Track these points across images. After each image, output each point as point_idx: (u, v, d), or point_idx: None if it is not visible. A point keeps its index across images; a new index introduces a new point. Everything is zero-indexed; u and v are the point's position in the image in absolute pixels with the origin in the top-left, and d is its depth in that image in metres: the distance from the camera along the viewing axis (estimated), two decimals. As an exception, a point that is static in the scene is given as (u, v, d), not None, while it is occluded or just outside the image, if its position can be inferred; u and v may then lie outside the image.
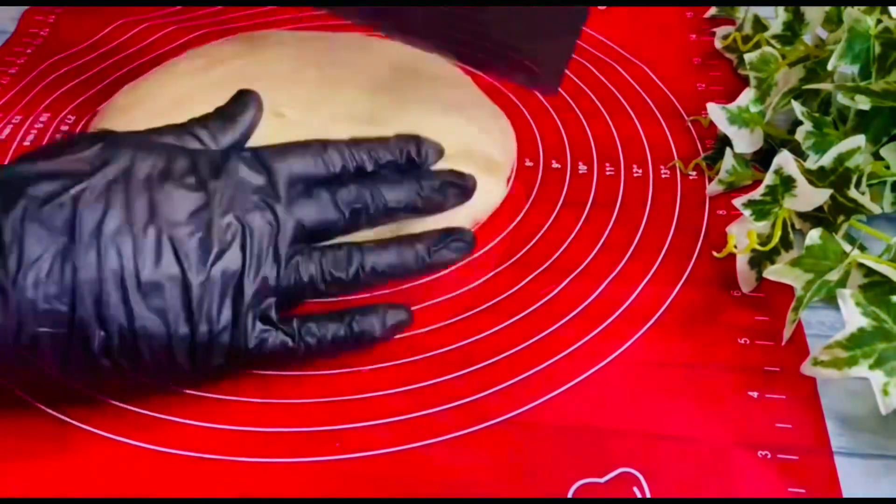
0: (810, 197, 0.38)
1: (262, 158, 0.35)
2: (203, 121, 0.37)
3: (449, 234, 0.37)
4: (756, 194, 0.39)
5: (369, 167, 0.37)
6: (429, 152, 0.38)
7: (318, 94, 0.45)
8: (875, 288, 0.36)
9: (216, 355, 0.33)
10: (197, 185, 0.33)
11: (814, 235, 0.37)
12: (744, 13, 0.54)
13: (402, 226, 0.39)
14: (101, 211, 0.31)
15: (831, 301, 0.37)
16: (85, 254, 0.30)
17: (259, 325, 0.33)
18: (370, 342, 0.36)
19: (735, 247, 0.38)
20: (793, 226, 0.40)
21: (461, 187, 0.38)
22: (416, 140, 0.38)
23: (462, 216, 0.41)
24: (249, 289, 0.33)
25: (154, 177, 0.33)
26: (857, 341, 0.33)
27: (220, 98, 0.45)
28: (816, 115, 0.42)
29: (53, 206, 0.31)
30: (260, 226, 0.33)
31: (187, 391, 0.36)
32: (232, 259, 0.32)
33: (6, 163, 0.39)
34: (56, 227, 0.30)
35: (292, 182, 0.35)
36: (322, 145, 0.36)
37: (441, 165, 0.42)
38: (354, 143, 0.37)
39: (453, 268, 0.40)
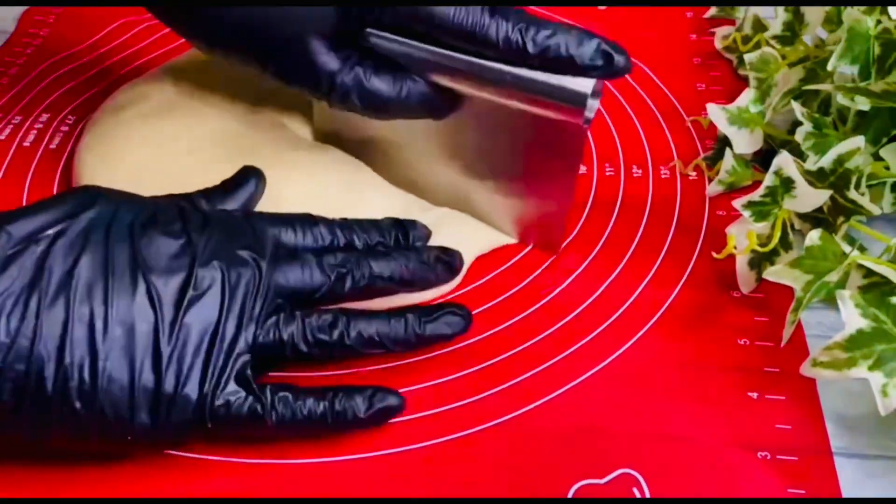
0: (810, 198, 0.38)
1: (252, 220, 0.35)
2: (205, 192, 0.37)
3: (443, 306, 0.36)
4: (756, 195, 0.39)
5: (358, 245, 0.37)
6: (417, 236, 0.38)
7: (318, 102, 0.45)
8: (874, 289, 0.35)
9: (179, 409, 0.31)
10: (181, 232, 0.33)
11: (813, 236, 0.37)
12: (744, 13, 0.54)
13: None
14: (77, 251, 0.31)
15: (831, 302, 0.37)
16: (55, 292, 0.30)
17: (231, 385, 0.31)
18: (352, 425, 0.33)
19: (735, 247, 0.38)
20: (792, 227, 0.40)
21: (448, 264, 0.38)
22: (407, 224, 0.38)
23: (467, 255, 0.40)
24: (223, 341, 0.31)
25: (137, 223, 0.33)
26: (857, 342, 0.33)
27: (219, 99, 0.45)
28: (816, 115, 0.42)
29: (29, 243, 0.31)
30: (242, 278, 0.33)
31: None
32: (208, 307, 0.31)
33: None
34: (28, 265, 0.30)
35: (279, 245, 0.35)
36: (313, 220, 0.37)
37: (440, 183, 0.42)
38: (345, 222, 0.37)
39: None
